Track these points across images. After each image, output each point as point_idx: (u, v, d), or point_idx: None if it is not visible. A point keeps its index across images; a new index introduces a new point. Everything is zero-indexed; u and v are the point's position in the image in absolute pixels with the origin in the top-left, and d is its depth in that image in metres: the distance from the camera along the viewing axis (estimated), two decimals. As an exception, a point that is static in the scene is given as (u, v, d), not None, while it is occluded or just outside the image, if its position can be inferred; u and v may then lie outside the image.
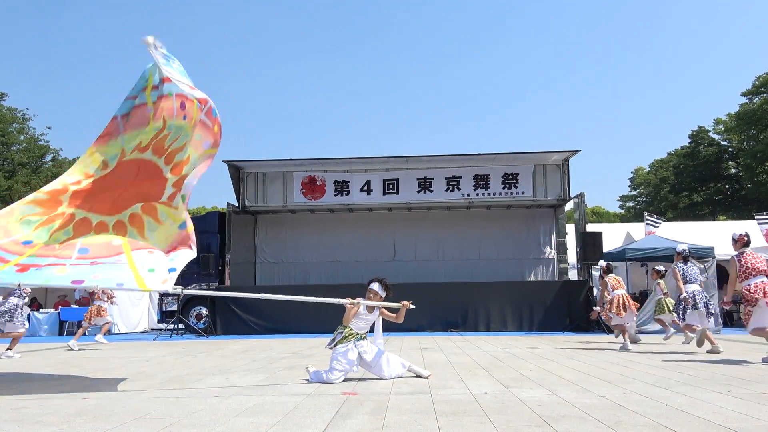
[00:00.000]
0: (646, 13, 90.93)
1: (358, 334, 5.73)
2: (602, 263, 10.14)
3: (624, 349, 8.85)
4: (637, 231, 17.88)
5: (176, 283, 5.47)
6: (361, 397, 4.66)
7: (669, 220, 28.59)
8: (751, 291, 7.03)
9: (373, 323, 5.92)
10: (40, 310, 16.90)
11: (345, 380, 5.55)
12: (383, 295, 5.88)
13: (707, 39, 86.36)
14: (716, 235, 16.74)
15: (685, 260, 8.89)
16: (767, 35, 74.69)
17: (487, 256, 16.86)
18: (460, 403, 4.31)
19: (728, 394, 4.55)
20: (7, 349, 9.34)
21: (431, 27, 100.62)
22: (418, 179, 15.91)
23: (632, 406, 4.06)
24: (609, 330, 11.07)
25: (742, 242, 7.42)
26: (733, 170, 40.26)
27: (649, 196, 46.15)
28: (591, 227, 17.11)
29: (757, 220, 16.64)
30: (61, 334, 15.68)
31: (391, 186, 15.98)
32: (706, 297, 8.56)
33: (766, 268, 7.17)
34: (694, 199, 41.48)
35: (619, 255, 14.58)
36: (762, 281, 7.05)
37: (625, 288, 9.64)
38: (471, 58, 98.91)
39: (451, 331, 13.56)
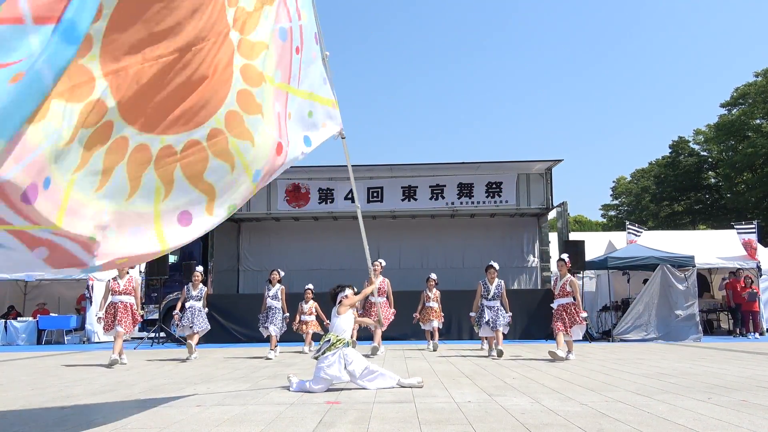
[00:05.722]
0: (628, 25, 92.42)
1: (344, 340, 5.70)
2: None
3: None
4: (619, 240, 18.05)
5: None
6: (345, 406, 4.63)
7: (650, 229, 28.92)
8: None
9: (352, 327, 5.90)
10: (18, 318, 16.59)
11: (328, 390, 5.52)
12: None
13: (687, 51, 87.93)
14: (696, 244, 16.95)
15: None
16: (745, 48, 76.33)
17: (470, 264, 16.88)
18: (444, 411, 4.30)
19: (709, 401, 4.60)
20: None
21: (416, 36, 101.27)
22: (402, 187, 15.94)
23: (614, 414, 4.08)
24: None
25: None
26: (712, 180, 40.86)
27: (631, 206, 46.69)
28: (574, 236, 17.24)
29: (737, 229, 16.89)
30: (39, 343, 15.40)
31: (375, 194, 15.99)
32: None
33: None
34: (674, 208, 42.04)
35: (601, 263, 14.70)
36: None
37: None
38: (454, 68, 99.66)
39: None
